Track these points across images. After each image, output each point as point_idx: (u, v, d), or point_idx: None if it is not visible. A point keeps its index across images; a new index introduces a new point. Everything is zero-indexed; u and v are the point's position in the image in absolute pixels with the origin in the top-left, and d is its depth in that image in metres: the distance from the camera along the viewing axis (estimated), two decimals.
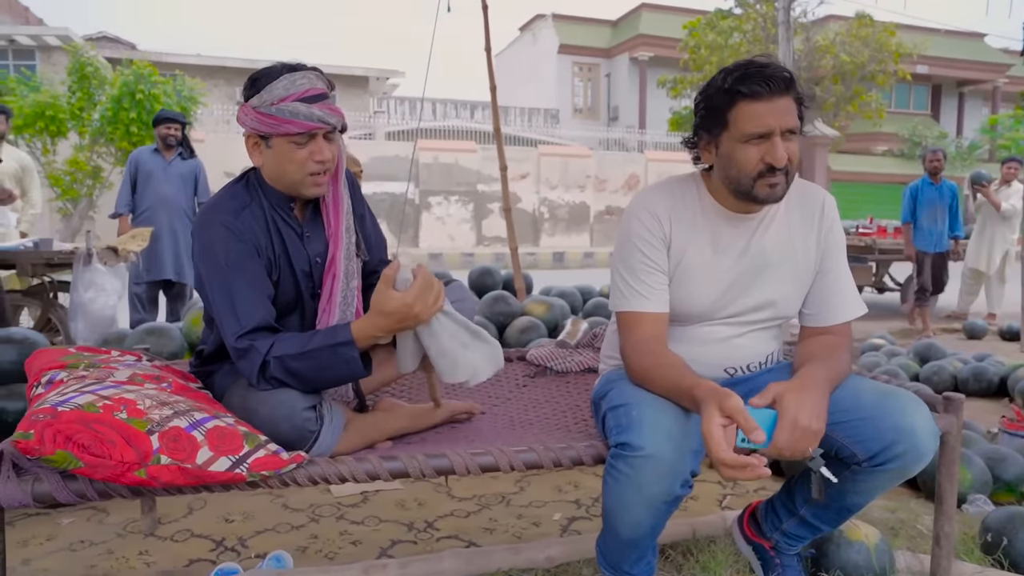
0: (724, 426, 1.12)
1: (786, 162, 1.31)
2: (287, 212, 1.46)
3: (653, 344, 1.36)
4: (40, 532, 1.93)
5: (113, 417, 1.04)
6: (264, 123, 1.36)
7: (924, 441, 1.27)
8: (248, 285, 1.32)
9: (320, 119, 1.36)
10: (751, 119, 1.30)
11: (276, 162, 1.39)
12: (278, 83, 1.35)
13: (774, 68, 1.31)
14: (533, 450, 1.28)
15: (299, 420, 1.26)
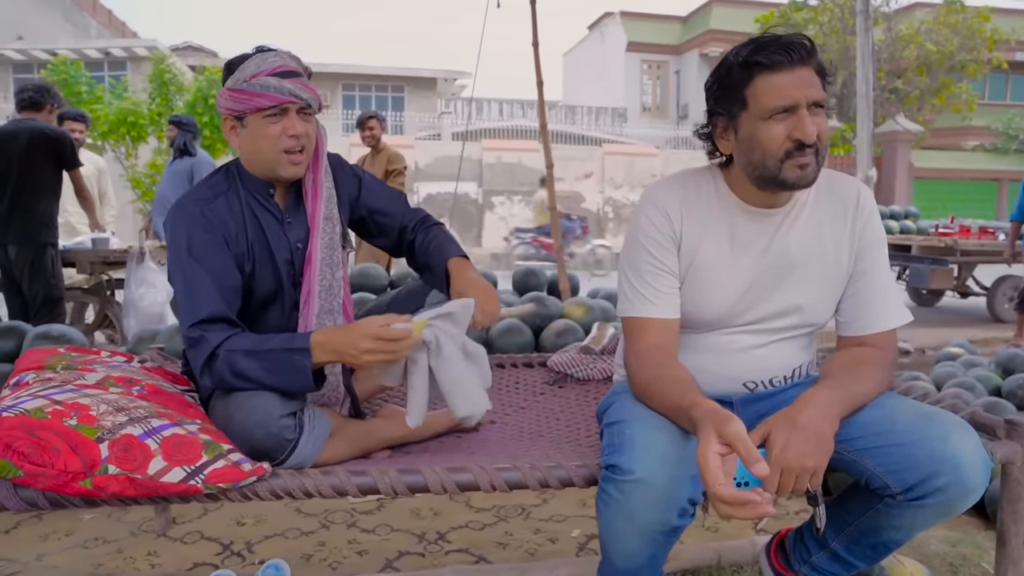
0: (723, 455, 0.97)
1: (816, 138, 1.16)
2: (266, 198, 1.44)
3: (657, 355, 1.22)
4: (61, 528, 1.95)
5: (61, 424, 1.00)
6: (237, 100, 1.36)
7: (971, 473, 1.09)
8: (209, 275, 1.28)
9: (291, 92, 1.35)
10: (773, 92, 1.15)
11: (251, 141, 1.39)
12: (250, 61, 1.36)
13: (794, 36, 1.17)
14: (518, 468, 1.17)
15: (274, 428, 1.19)
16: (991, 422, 1.38)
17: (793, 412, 1.09)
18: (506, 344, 2.89)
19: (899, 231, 6.96)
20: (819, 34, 17.10)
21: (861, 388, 1.18)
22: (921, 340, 5.54)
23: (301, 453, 1.24)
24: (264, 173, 1.42)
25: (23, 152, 3.45)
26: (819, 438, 1.07)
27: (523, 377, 2.00)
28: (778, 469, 1.05)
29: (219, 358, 1.20)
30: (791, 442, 1.05)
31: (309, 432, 1.26)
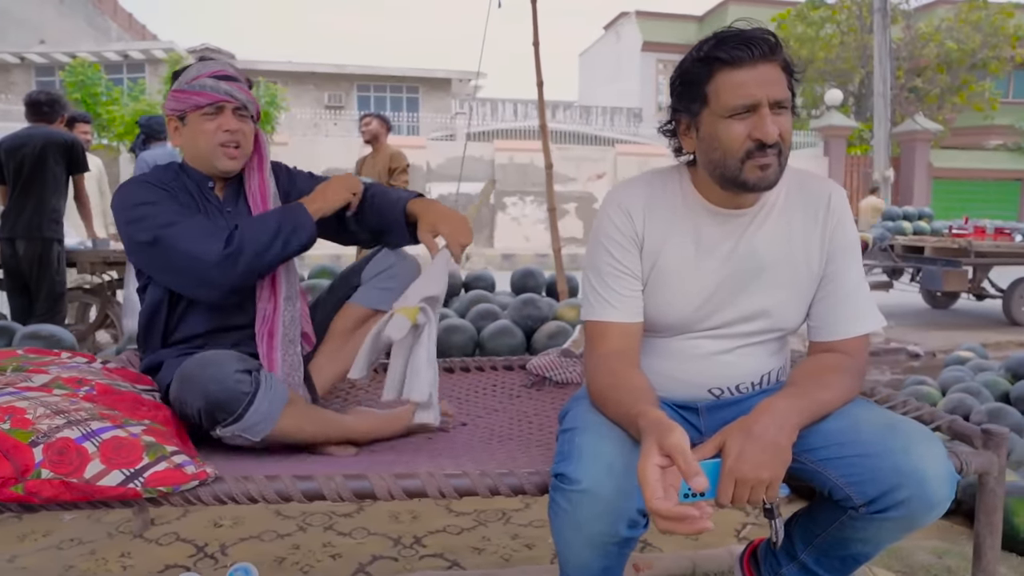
0: (664, 467, 0.93)
1: (777, 138, 1.11)
2: (207, 190, 1.55)
3: (615, 361, 1.19)
4: (40, 528, 1.95)
5: None
6: (179, 99, 1.48)
7: (934, 488, 1.04)
8: (188, 215, 1.43)
9: (226, 92, 1.47)
10: (733, 89, 1.11)
11: (191, 137, 1.50)
12: (193, 67, 1.52)
13: (757, 31, 1.12)
14: (467, 475, 1.14)
15: (230, 381, 1.24)
16: (968, 431, 1.34)
17: (749, 421, 1.05)
18: (497, 346, 2.87)
19: (912, 232, 6.83)
20: (836, 32, 16.93)
21: (825, 396, 1.13)
22: (933, 343, 5.44)
23: (259, 410, 1.27)
24: (203, 167, 1.53)
25: (36, 154, 3.57)
26: (775, 449, 1.03)
27: (502, 379, 1.98)
28: (732, 480, 1.02)
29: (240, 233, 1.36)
30: (746, 452, 1.02)
31: (266, 390, 1.29)
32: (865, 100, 17.15)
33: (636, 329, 1.25)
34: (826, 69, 17.08)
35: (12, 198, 3.63)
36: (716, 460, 1.05)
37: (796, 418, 1.07)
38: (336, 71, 21.29)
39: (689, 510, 0.89)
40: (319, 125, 18.18)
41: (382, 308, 1.57)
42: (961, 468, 1.24)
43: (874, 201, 10.26)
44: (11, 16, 18.99)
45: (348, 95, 21.66)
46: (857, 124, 16.14)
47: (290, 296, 1.53)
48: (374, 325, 1.57)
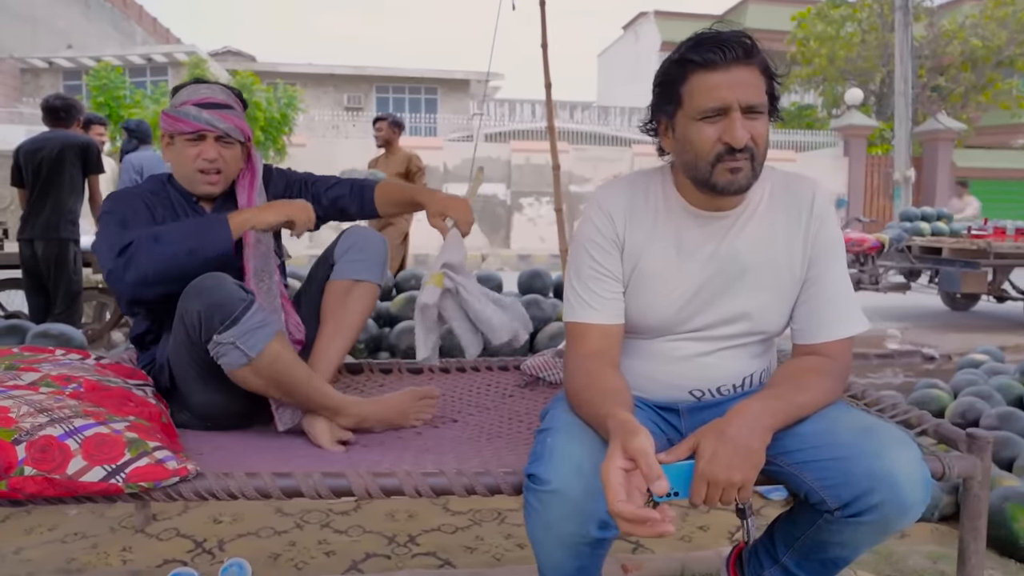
0: (628, 470, 0.94)
1: (747, 142, 1.12)
2: (193, 204, 1.64)
3: (592, 362, 1.20)
4: (46, 522, 2.00)
5: None
6: (167, 122, 1.58)
7: (908, 492, 1.04)
8: (138, 224, 1.48)
9: (207, 121, 1.55)
10: (704, 92, 1.11)
11: (175, 158, 1.60)
12: (184, 91, 1.59)
13: (732, 34, 1.12)
14: (444, 474, 1.16)
15: (229, 289, 1.32)
16: (953, 435, 1.32)
17: (723, 424, 1.06)
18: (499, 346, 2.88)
19: (930, 233, 6.72)
20: (857, 31, 16.72)
21: (802, 399, 1.13)
22: (950, 346, 5.35)
23: (255, 317, 1.32)
24: (187, 186, 1.62)
25: (53, 158, 3.66)
26: (747, 451, 1.03)
27: (496, 379, 1.99)
28: (704, 481, 1.03)
29: (137, 241, 1.36)
30: (718, 454, 1.02)
31: (259, 308, 1.36)
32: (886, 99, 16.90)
33: (616, 331, 1.25)
34: (846, 68, 16.87)
35: (30, 201, 3.72)
36: (690, 461, 1.05)
37: (770, 420, 1.07)
38: (355, 73, 21.46)
39: (650, 513, 0.90)
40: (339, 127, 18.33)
41: (358, 277, 1.69)
42: (943, 472, 1.24)
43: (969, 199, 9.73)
44: (41, 22, 19.38)
45: (367, 96, 21.82)
46: (878, 124, 15.91)
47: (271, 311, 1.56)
48: (352, 300, 1.68)
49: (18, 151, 3.77)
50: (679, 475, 1.04)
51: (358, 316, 1.69)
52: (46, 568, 1.70)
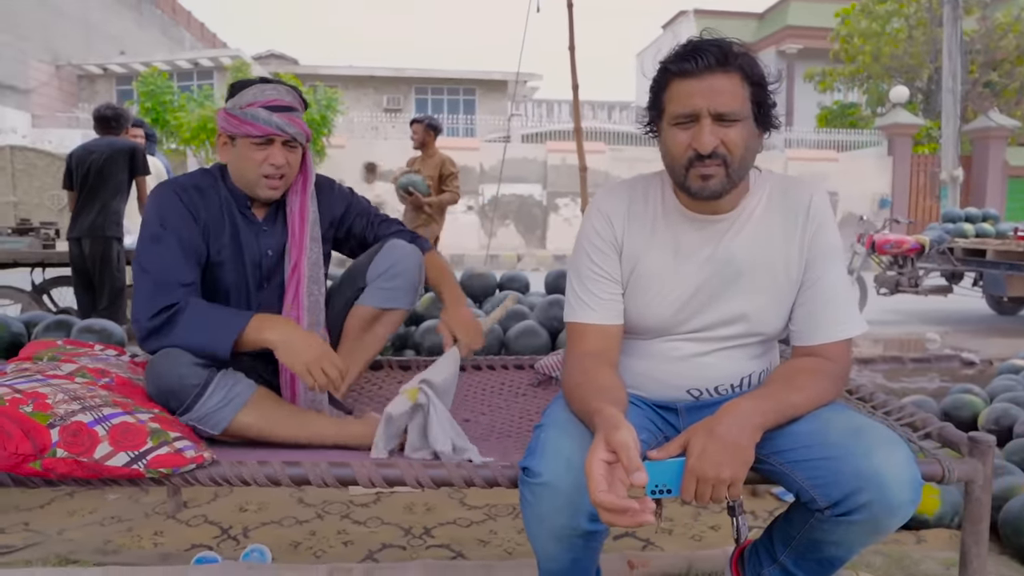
0: (611, 462, 0.97)
1: (716, 149, 1.15)
2: (245, 207, 1.58)
3: (589, 360, 1.23)
4: (87, 505, 2.12)
5: (17, 410, 1.11)
6: (230, 123, 1.50)
7: (896, 492, 1.05)
8: (179, 246, 1.44)
9: (277, 126, 1.49)
10: (678, 99, 1.16)
11: (237, 160, 1.53)
12: (249, 91, 1.51)
13: (710, 42, 1.15)
14: (444, 466, 1.21)
15: (181, 370, 1.30)
16: (956, 438, 1.32)
17: (712, 422, 1.09)
18: (522, 346, 2.93)
19: (975, 234, 6.53)
20: (904, 26, 16.27)
21: (794, 398, 1.15)
22: (993, 351, 5.20)
23: (208, 404, 1.31)
24: (245, 189, 1.56)
25: (101, 162, 3.86)
26: (736, 448, 1.06)
27: (510, 378, 2.03)
28: (693, 478, 1.06)
29: (166, 325, 1.35)
30: (707, 451, 1.05)
31: (219, 388, 1.33)
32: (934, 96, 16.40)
33: (614, 331, 1.29)
34: (892, 65, 16.42)
35: (79, 202, 3.92)
36: (681, 459, 1.08)
37: (759, 419, 1.09)
38: (394, 74, 21.75)
39: (630, 503, 0.93)
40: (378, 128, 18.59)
41: (387, 307, 1.66)
42: (943, 475, 1.24)
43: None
44: (96, 29, 20.15)
45: (406, 98, 22.09)
46: (924, 122, 15.45)
47: (312, 324, 1.57)
48: (379, 326, 1.68)
49: (70, 157, 3.97)
50: (670, 472, 1.07)
51: (381, 339, 1.70)
52: (86, 548, 1.80)
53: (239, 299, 1.56)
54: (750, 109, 1.17)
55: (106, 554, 1.79)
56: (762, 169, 1.31)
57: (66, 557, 1.73)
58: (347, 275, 1.72)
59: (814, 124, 18.64)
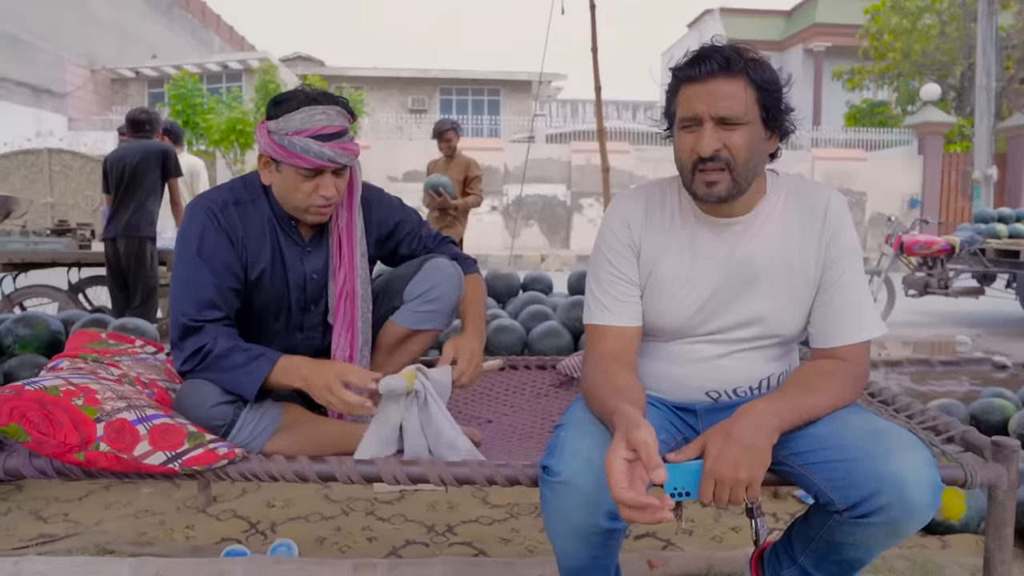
0: (630, 460, 0.99)
1: (719, 153, 1.17)
2: (290, 227, 1.51)
3: (608, 362, 1.25)
4: (123, 499, 2.19)
5: (70, 402, 1.17)
6: (276, 151, 1.40)
7: (914, 493, 1.06)
8: (212, 273, 1.39)
9: (330, 159, 1.39)
10: (684, 103, 1.19)
11: (283, 186, 1.44)
12: (296, 115, 1.38)
13: (715, 48, 1.18)
14: (467, 465, 1.24)
15: (206, 412, 1.31)
16: (980, 443, 1.32)
17: (729, 424, 1.10)
18: (544, 346, 2.95)
19: (1008, 235, 6.40)
20: (936, 22, 15.96)
21: (811, 400, 1.16)
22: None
23: (238, 438, 1.33)
24: (290, 212, 1.48)
25: (135, 165, 3.97)
26: (753, 450, 1.07)
27: (532, 379, 2.06)
28: (711, 479, 1.07)
29: (202, 357, 1.34)
30: (724, 453, 1.07)
31: (245, 425, 1.35)
32: (967, 94, 16.08)
33: (632, 333, 1.31)
34: (923, 62, 16.12)
35: (115, 204, 4.03)
36: (699, 461, 1.10)
37: (776, 421, 1.10)
38: (419, 75, 21.91)
39: (650, 499, 0.95)
40: (403, 128, 18.73)
41: (421, 328, 1.61)
42: (966, 480, 1.24)
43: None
44: (129, 34, 20.60)
45: (431, 99, 22.23)
46: (956, 120, 15.14)
47: (365, 343, 1.57)
48: (412, 343, 1.64)
49: (106, 161, 4.09)
50: (689, 475, 1.09)
51: (412, 355, 1.65)
52: (121, 540, 1.87)
53: (283, 321, 1.54)
54: (757, 113, 1.18)
55: (140, 545, 1.85)
56: (779, 172, 1.32)
57: (103, 547, 1.79)
58: (384, 287, 1.65)
59: (842, 123, 18.38)
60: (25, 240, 4.15)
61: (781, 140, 1.28)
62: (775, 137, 1.24)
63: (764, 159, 1.23)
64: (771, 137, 1.23)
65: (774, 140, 1.24)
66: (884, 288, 6.15)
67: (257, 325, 1.52)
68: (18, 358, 2.51)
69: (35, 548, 1.81)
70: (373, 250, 1.65)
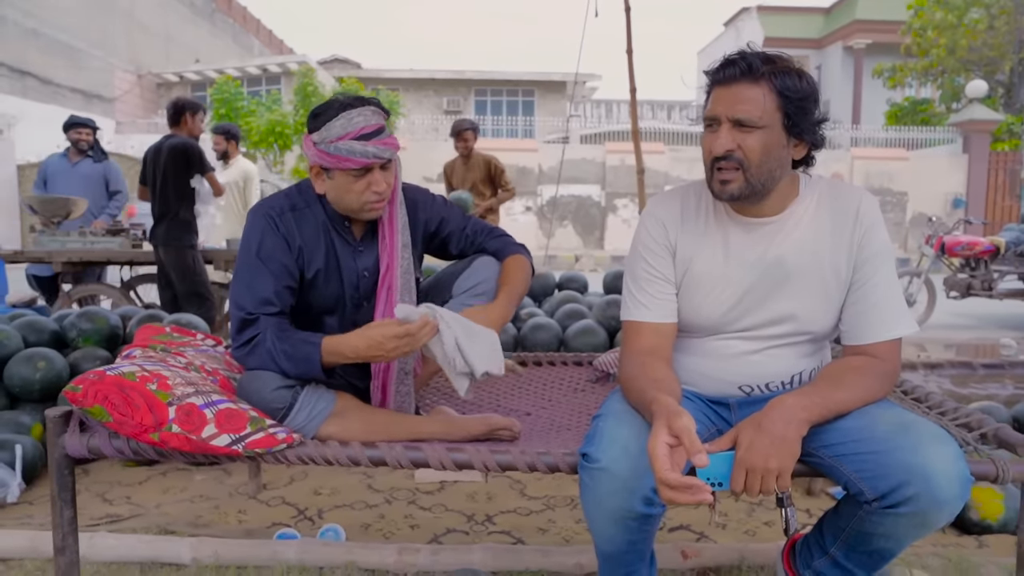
0: (672, 445, 1.05)
1: (732, 152, 1.23)
2: (344, 228, 1.60)
3: (646, 356, 1.31)
4: (178, 484, 2.32)
5: (145, 387, 1.27)
6: (324, 159, 1.48)
7: (941, 485, 1.09)
8: (271, 274, 1.49)
9: (375, 155, 1.48)
10: (709, 105, 1.27)
11: (337, 191, 1.53)
12: (336, 122, 1.47)
13: (743, 53, 1.24)
14: (509, 452, 1.31)
15: (267, 397, 1.40)
16: (1013, 439, 1.34)
17: (760, 416, 1.15)
18: (580, 344, 3.01)
19: None
20: (984, 17, 15.54)
21: (840, 395, 1.20)
22: None
23: (295, 422, 1.42)
24: (346, 213, 1.57)
25: (164, 165, 3.97)
26: (783, 441, 1.12)
27: (569, 374, 2.12)
28: (743, 469, 1.12)
29: (258, 343, 1.43)
30: (755, 444, 1.12)
31: (302, 409, 1.43)
32: (1016, 90, 15.63)
33: (668, 329, 1.36)
34: (969, 58, 15.71)
35: (156, 206, 4.06)
36: (731, 452, 1.15)
37: (804, 414, 1.15)
38: (454, 77, 22.11)
39: (694, 480, 1.01)
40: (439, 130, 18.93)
41: None
42: (997, 475, 1.26)
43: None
44: (173, 39, 21.22)
45: (466, 100, 22.42)
46: (1004, 117, 14.71)
47: (408, 288, 1.61)
48: None
49: (145, 155, 4.15)
50: (721, 465, 1.14)
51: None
52: (179, 521, 1.98)
53: (338, 319, 1.62)
54: (779, 119, 1.23)
55: (198, 527, 1.96)
56: (812, 175, 1.36)
57: (164, 528, 1.91)
58: (436, 282, 1.74)
59: (882, 122, 18.02)
60: (83, 240, 4.32)
61: (815, 149, 1.32)
62: (802, 145, 1.28)
63: (783, 164, 1.27)
64: (796, 145, 1.27)
65: (801, 148, 1.28)
66: (924, 290, 6.06)
67: (314, 323, 1.60)
68: (81, 351, 2.66)
69: (105, 526, 1.94)
70: (422, 247, 1.73)
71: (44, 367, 2.47)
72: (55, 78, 16.13)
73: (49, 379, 2.46)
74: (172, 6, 21.14)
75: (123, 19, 18.77)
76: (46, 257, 4.23)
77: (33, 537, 1.76)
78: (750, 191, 1.25)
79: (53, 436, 1.31)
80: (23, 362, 2.47)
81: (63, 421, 1.33)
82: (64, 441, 1.31)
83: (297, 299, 1.57)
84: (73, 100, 16.37)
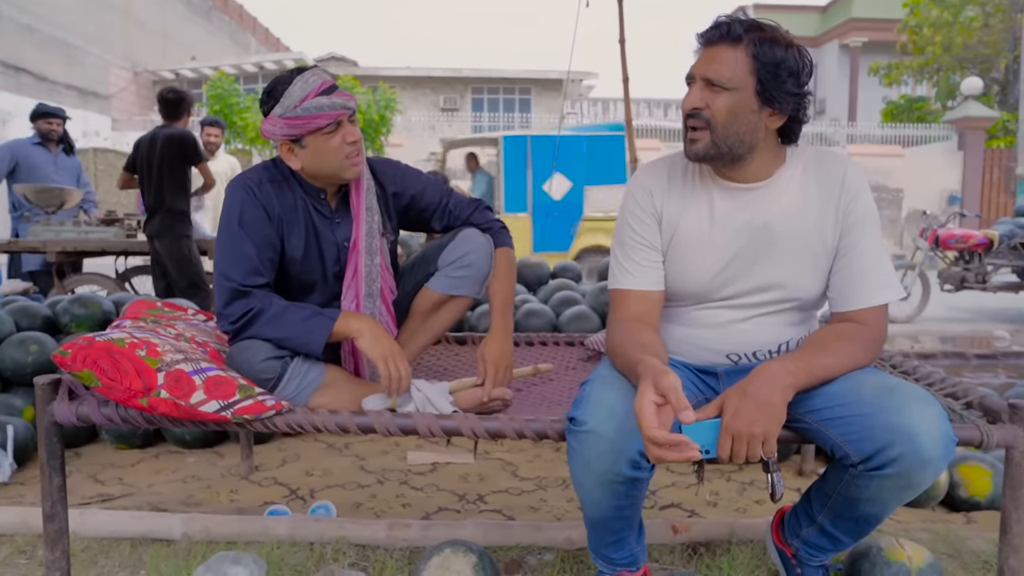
0: (659, 404, 1.06)
1: (701, 111, 1.25)
2: (319, 201, 1.60)
3: (633, 323, 1.32)
4: (170, 465, 2.32)
5: (134, 353, 1.27)
6: (294, 127, 1.47)
7: (925, 444, 1.10)
8: (253, 244, 1.49)
9: (342, 106, 1.48)
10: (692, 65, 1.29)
11: (313, 158, 1.51)
12: (293, 87, 1.47)
13: (727, 17, 1.27)
14: (498, 419, 1.31)
15: (257, 367, 1.41)
16: (997, 406, 1.35)
17: (745, 383, 1.16)
18: (574, 329, 3.01)
19: None
20: (980, 14, 15.59)
21: (825, 361, 1.21)
22: None
23: (284, 392, 1.43)
24: (323, 182, 1.57)
25: (160, 156, 3.95)
26: (768, 406, 1.12)
27: (562, 353, 2.12)
28: (729, 435, 1.13)
29: (253, 316, 1.43)
30: (740, 410, 1.12)
31: (292, 379, 1.44)
32: (1011, 87, 15.67)
33: (655, 296, 1.37)
34: (964, 56, 15.75)
35: (149, 197, 4.04)
36: (717, 419, 1.16)
37: (790, 379, 1.16)
38: (451, 75, 22.08)
39: (681, 437, 1.02)
40: (435, 127, 18.93)
41: (454, 293, 1.70)
42: (982, 440, 1.27)
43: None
44: (169, 36, 21.17)
45: (463, 98, 22.38)
46: (999, 114, 14.75)
47: (369, 294, 1.64)
48: (446, 310, 1.73)
49: (137, 142, 4.10)
50: (708, 433, 1.15)
51: (445, 323, 1.74)
52: (171, 500, 1.98)
53: (320, 290, 1.63)
54: (751, 84, 1.23)
55: (190, 506, 1.96)
56: (799, 144, 1.37)
57: (156, 506, 1.91)
58: (421, 257, 1.76)
59: (878, 119, 18.05)
60: (77, 230, 4.31)
61: (796, 123, 1.30)
62: (777, 115, 1.27)
63: (754, 130, 1.26)
64: (772, 114, 1.26)
65: (777, 117, 1.27)
66: (918, 283, 6.08)
67: (297, 296, 1.60)
68: (74, 336, 2.65)
69: (96, 504, 1.94)
70: (397, 218, 1.73)
71: (36, 351, 2.47)
72: (50, 75, 16.08)
73: (41, 363, 2.46)
74: (169, 3, 21.10)
75: (119, 16, 18.72)
76: (40, 247, 4.22)
77: (23, 513, 1.76)
78: (716, 152, 1.26)
79: (42, 404, 1.31)
80: (15, 346, 2.47)
81: (52, 389, 1.33)
82: (53, 408, 1.31)
83: (280, 276, 1.57)
84: (69, 97, 16.32)
